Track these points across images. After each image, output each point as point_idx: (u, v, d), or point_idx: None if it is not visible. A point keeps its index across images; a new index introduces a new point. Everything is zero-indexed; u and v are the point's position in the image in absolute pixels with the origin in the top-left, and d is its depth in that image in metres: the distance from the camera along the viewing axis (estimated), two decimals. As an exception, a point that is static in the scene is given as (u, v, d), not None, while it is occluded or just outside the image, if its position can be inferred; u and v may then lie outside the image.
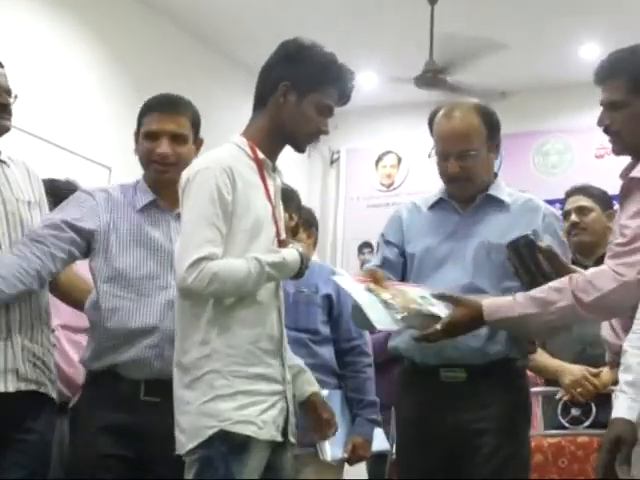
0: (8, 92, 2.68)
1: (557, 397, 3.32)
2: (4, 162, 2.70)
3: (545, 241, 2.57)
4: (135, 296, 2.60)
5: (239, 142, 2.42)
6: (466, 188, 2.71)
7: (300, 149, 2.49)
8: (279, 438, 2.32)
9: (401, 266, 2.75)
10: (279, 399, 2.34)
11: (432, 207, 2.77)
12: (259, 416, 2.26)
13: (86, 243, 2.64)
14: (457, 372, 2.60)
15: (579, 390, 3.21)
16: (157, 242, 2.65)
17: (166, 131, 2.66)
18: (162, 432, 2.35)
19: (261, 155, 2.41)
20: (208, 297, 2.27)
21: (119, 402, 2.56)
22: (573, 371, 3.26)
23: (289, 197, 3.38)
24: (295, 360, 2.58)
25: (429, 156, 2.82)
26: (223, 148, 2.44)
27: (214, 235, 2.26)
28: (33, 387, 2.62)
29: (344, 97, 2.50)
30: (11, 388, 2.58)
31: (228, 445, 2.23)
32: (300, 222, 3.56)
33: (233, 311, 2.30)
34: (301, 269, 2.38)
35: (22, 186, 2.71)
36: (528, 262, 2.38)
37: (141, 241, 2.65)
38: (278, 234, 2.43)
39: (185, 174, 2.36)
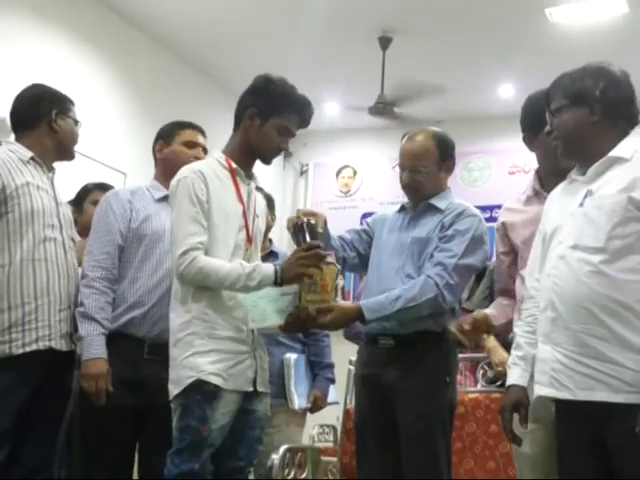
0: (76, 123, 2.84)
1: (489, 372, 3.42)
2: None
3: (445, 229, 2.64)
4: None
5: (218, 156, 2.48)
6: (414, 195, 2.77)
7: (266, 162, 2.50)
8: (246, 388, 2.39)
9: (362, 239, 2.84)
10: (246, 357, 2.40)
11: (397, 211, 2.85)
12: (227, 370, 2.33)
13: None
14: (388, 340, 2.65)
15: (499, 369, 3.29)
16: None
17: (200, 143, 2.83)
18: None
19: (234, 165, 2.45)
20: (192, 283, 2.32)
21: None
22: (502, 354, 3.29)
23: (270, 201, 3.42)
24: None
25: (393, 167, 2.81)
26: (204, 161, 2.53)
27: (196, 228, 2.32)
28: (73, 348, 2.64)
29: (304, 121, 2.51)
30: (68, 348, 2.61)
31: (202, 393, 2.29)
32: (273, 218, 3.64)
33: (211, 288, 2.36)
34: (275, 280, 2.34)
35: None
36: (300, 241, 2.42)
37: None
38: (247, 228, 2.45)
39: (173, 182, 2.42)
